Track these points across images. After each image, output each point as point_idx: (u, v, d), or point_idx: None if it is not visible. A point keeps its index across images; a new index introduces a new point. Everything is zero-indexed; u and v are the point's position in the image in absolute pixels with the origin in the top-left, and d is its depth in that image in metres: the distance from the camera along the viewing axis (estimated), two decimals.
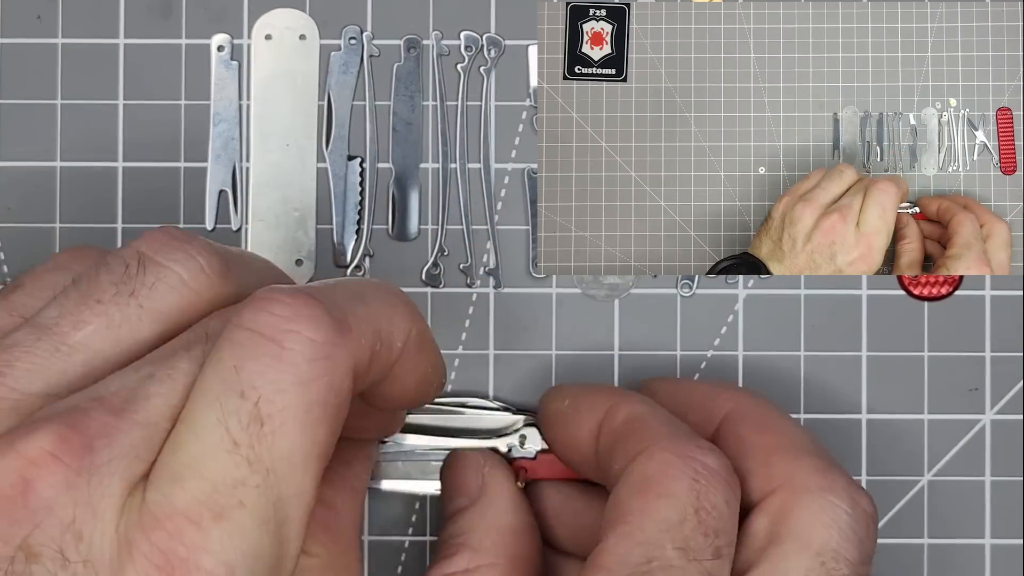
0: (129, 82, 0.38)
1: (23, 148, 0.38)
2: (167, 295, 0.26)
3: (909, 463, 0.38)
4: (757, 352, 0.38)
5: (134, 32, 0.38)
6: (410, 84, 0.38)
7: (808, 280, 0.38)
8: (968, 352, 0.38)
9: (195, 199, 0.38)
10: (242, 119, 0.38)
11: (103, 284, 0.26)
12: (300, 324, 0.24)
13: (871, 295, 0.38)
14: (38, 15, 0.38)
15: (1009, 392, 0.38)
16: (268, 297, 0.25)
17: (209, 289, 0.27)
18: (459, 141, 0.38)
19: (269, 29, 0.38)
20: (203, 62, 0.38)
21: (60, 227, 0.38)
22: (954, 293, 0.38)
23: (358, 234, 0.38)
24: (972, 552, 0.38)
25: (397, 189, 0.38)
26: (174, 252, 0.27)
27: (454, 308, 0.38)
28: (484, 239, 0.38)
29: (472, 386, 0.38)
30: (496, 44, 0.38)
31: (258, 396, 0.24)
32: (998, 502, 0.38)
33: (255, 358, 0.24)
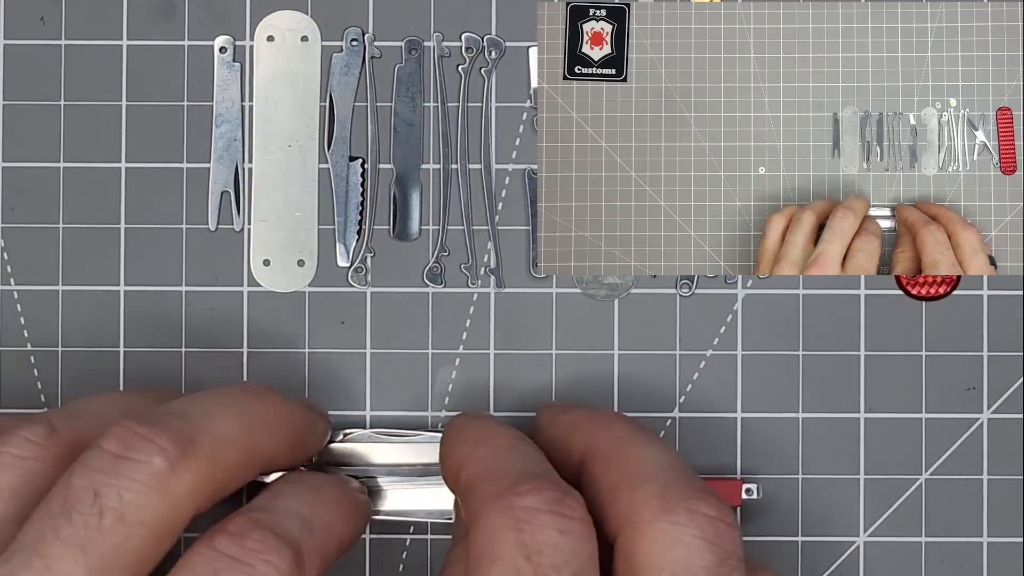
0: (132, 83, 0.38)
1: (26, 149, 0.38)
2: (5, 474, 0.30)
3: (907, 462, 0.38)
4: (756, 352, 0.38)
5: (137, 34, 0.39)
6: (411, 85, 0.39)
7: (807, 280, 0.39)
8: (966, 352, 0.38)
9: (197, 200, 0.38)
10: (244, 120, 0.39)
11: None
12: (270, 555, 0.29)
13: (869, 295, 0.39)
14: (41, 17, 0.39)
15: (1006, 391, 0.38)
16: (241, 532, 0.29)
17: (43, 451, 0.31)
18: (460, 142, 0.39)
19: (271, 31, 0.39)
20: (205, 63, 0.39)
21: (63, 227, 0.38)
22: (952, 293, 0.39)
23: (359, 234, 0.38)
24: (970, 550, 0.38)
25: (398, 190, 0.39)
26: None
27: (455, 308, 0.38)
28: (485, 239, 0.39)
29: (472, 386, 0.38)
30: (497, 45, 0.39)
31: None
32: (996, 501, 0.38)
33: (231, 571, 0.29)
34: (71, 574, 0.27)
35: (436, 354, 0.38)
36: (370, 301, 0.38)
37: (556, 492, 0.29)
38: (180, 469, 0.29)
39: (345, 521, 0.33)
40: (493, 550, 0.29)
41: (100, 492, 0.28)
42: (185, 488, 0.29)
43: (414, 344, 0.38)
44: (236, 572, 0.28)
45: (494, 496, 0.30)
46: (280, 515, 0.31)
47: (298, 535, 0.30)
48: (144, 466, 0.29)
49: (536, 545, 0.28)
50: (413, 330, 0.38)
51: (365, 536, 0.38)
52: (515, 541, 0.28)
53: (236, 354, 0.38)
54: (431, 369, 0.38)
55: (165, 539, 0.29)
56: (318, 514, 0.32)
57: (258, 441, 0.32)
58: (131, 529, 0.28)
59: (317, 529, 0.31)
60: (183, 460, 0.29)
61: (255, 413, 0.32)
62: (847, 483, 0.38)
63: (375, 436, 0.37)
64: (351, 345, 0.38)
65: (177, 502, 0.29)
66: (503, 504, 0.29)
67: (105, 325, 0.38)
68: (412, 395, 0.38)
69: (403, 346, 0.38)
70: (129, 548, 0.28)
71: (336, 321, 0.38)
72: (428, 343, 0.38)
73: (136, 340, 0.38)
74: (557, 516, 0.29)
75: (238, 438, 0.31)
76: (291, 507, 0.32)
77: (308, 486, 0.33)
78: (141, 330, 0.38)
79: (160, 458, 0.29)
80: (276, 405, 0.33)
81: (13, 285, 0.38)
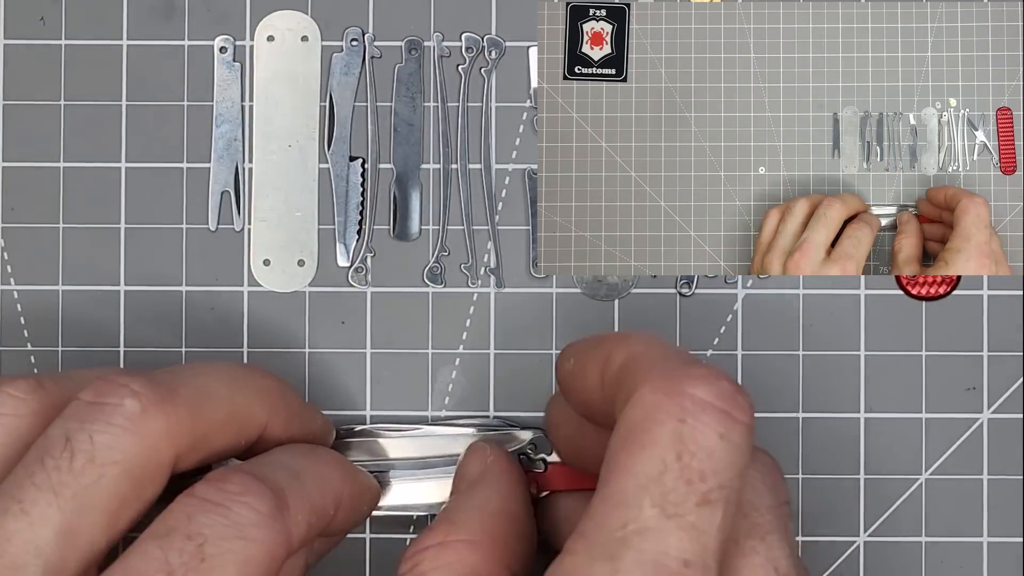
0: (132, 83, 0.39)
1: (27, 149, 0.38)
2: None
3: (907, 462, 0.38)
4: (756, 352, 0.38)
5: (137, 33, 0.39)
6: (411, 85, 0.39)
7: (807, 280, 0.39)
8: (966, 352, 0.38)
9: (198, 200, 0.38)
10: (244, 120, 0.39)
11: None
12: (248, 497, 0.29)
13: (869, 295, 0.39)
14: (41, 17, 0.39)
15: (1007, 391, 0.38)
16: (222, 476, 0.29)
17: (26, 406, 0.30)
18: (460, 142, 0.39)
19: (271, 30, 0.39)
20: (206, 63, 0.39)
21: (63, 227, 0.38)
22: (952, 293, 0.39)
23: (360, 234, 0.38)
24: (970, 550, 0.38)
25: (398, 189, 0.39)
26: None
27: (455, 308, 0.38)
28: (485, 239, 0.39)
29: (472, 386, 0.38)
30: (497, 45, 0.39)
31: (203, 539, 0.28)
32: (995, 501, 0.38)
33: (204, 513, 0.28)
34: (45, 516, 0.27)
35: (436, 354, 0.38)
36: (370, 301, 0.38)
37: (730, 385, 0.27)
38: (153, 412, 0.29)
39: (343, 478, 0.33)
40: (648, 434, 0.26)
41: (72, 436, 0.28)
42: (159, 430, 0.29)
43: (414, 344, 0.38)
44: (210, 514, 0.28)
45: (663, 374, 0.27)
46: (265, 465, 0.31)
47: (283, 482, 0.30)
48: (116, 408, 0.29)
49: (692, 445, 0.26)
50: (413, 330, 0.38)
51: (365, 536, 0.38)
52: (673, 432, 0.26)
53: (236, 354, 0.38)
54: (431, 369, 0.38)
55: (144, 482, 0.29)
56: (310, 468, 0.32)
57: (245, 403, 0.32)
58: (103, 469, 0.28)
59: (307, 479, 0.31)
60: (157, 404, 0.29)
61: (244, 377, 0.32)
62: (847, 483, 0.38)
63: (374, 431, 0.37)
64: (351, 345, 0.38)
65: (151, 443, 0.29)
66: (672, 385, 0.27)
67: (105, 325, 0.38)
68: (412, 395, 0.38)
69: (403, 346, 0.38)
70: (103, 488, 0.28)
71: (336, 321, 0.38)
72: (428, 343, 0.38)
73: (136, 340, 0.38)
74: (723, 416, 0.26)
75: (224, 396, 0.31)
76: (280, 459, 0.32)
77: (303, 448, 0.33)
78: (141, 330, 0.38)
79: (132, 400, 0.29)
80: (267, 378, 0.33)
81: (13, 285, 0.38)
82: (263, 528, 0.28)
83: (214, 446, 0.31)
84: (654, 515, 0.26)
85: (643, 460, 0.26)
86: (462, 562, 0.31)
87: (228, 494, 0.29)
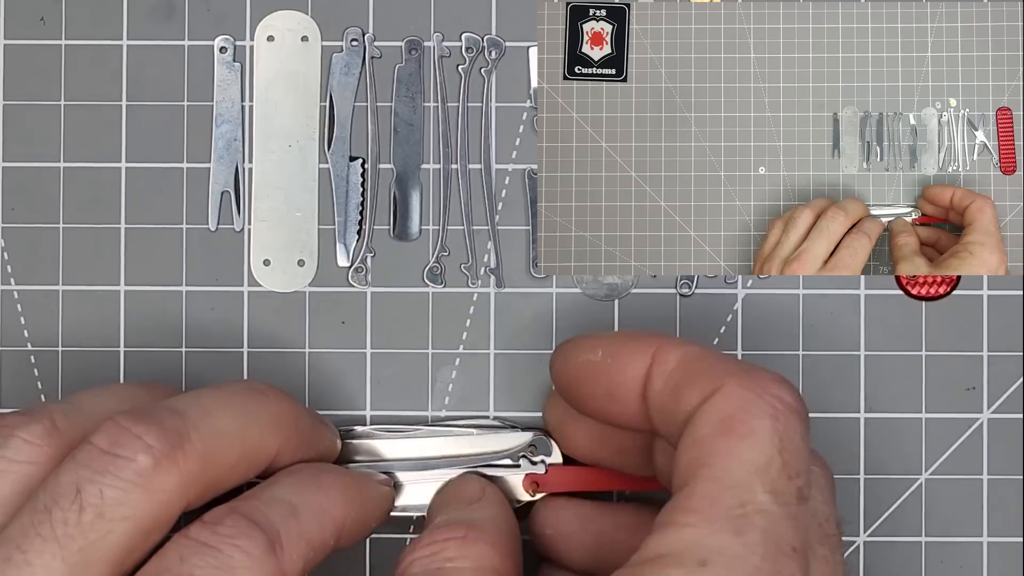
0: (132, 83, 0.39)
1: (27, 149, 0.38)
2: (1, 480, 0.30)
3: (907, 462, 0.38)
4: (756, 352, 0.38)
5: (137, 34, 0.39)
6: (411, 85, 0.39)
7: (806, 280, 0.39)
8: (966, 351, 0.39)
9: (198, 200, 0.38)
10: (244, 120, 0.39)
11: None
12: (241, 540, 0.29)
13: (869, 295, 0.39)
14: (41, 17, 0.39)
15: (1006, 391, 0.39)
16: (216, 518, 0.30)
17: (41, 452, 0.30)
18: (460, 142, 0.39)
19: (271, 31, 0.39)
20: (206, 63, 0.39)
21: (63, 227, 0.38)
22: (952, 293, 0.39)
23: (360, 234, 0.38)
24: (970, 550, 0.38)
25: (398, 190, 0.39)
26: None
27: (455, 308, 0.38)
28: (485, 239, 0.39)
29: (472, 386, 0.38)
30: (497, 45, 0.39)
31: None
32: (995, 500, 0.38)
33: (197, 555, 0.29)
34: (49, 568, 0.27)
35: (436, 354, 0.38)
36: (370, 301, 0.38)
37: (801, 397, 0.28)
38: (166, 466, 0.29)
39: (346, 505, 0.33)
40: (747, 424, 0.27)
41: (83, 488, 0.28)
42: (171, 485, 0.29)
43: (414, 344, 0.38)
44: (203, 556, 0.28)
45: (743, 373, 0.28)
46: (262, 501, 0.31)
47: (278, 520, 0.30)
48: (128, 463, 0.29)
49: (788, 443, 0.27)
50: (413, 330, 0.38)
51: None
52: (772, 427, 0.27)
53: (236, 354, 0.38)
54: (431, 369, 0.38)
55: (152, 534, 0.29)
56: (310, 499, 0.32)
57: (258, 439, 0.32)
58: (112, 525, 0.28)
59: (305, 513, 0.31)
60: (169, 457, 0.29)
61: (257, 410, 0.32)
62: (847, 483, 0.38)
63: (374, 433, 0.37)
64: (351, 345, 0.38)
65: (162, 498, 0.29)
66: (758, 384, 0.28)
67: (105, 325, 0.38)
68: (412, 395, 0.38)
69: (403, 346, 0.38)
70: (110, 543, 0.28)
71: (336, 321, 0.38)
72: (428, 343, 0.38)
73: (136, 340, 0.38)
74: (805, 420, 0.28)
75: (236, 435, 0.31)
76: (277, 494, 0.31)
77: (307, 473, 0.33)
78: (141, 330, 0.38)
79: (145, 455, 0.29)
80: (280, 403, 0.33)
81: (13, 285, 0.38)
82: (254, 570, 0.29)
83: (224, 486, 0.31)
84: (768, 500, 0.27)
85: (748, 448, 0.27)
86: (486, 557, 0.31)
87: (221, 537, 0.29)
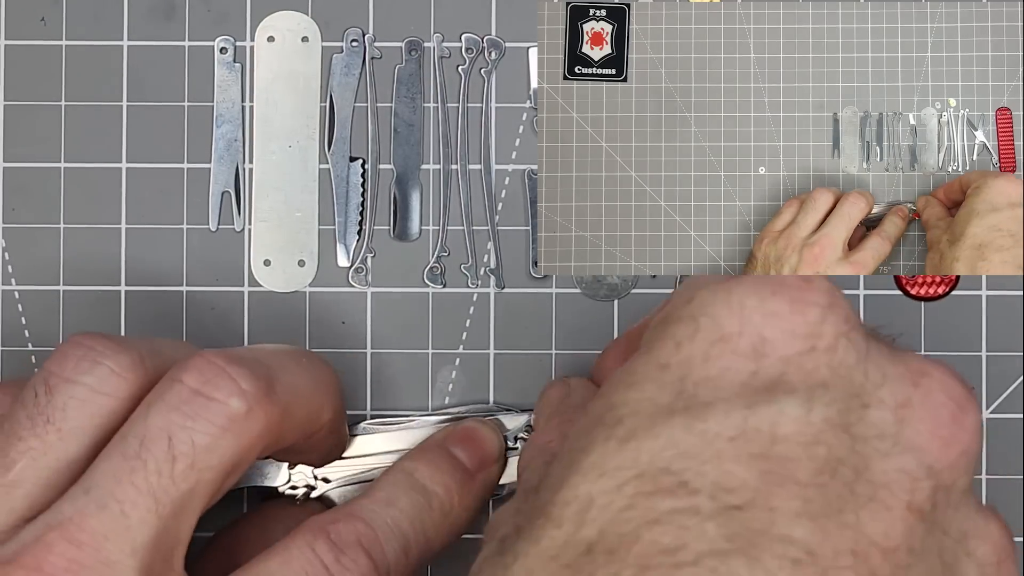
0: (132, 84, 0.39)
1: (27, 149, 0.38)
2: (80, 410, 0.28)
3: None
4: None
5: (137, 34, 0.39)
6: (411, 86, 0.39)
7: None
8: (965, 352, 0.39)
9: (198, 200, 0.38)
10: (245, 120, 0.39)
11: (20, 420, 0.28)
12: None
13: (868, 295, 0.39)
14: (42, 17, 0.39)
15: (1005, 391, 0.39)
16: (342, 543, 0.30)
17: (127, 387, 0.29)
18: (460, 142, 0.39)
19: (271, 31, 0.39)
20: (206, 64, 0.39)
21: (64, 227, 0.38)
22: (951, 293, 0.39)
23: (360, 234, 0.38)
24: None
25: (398, 190, 0.39)
26: (80, 363, 0.29)
27: (455, 308, 0.38)
28: (485, 239, 0.39)
29: (472, 386, 0.38)
30: (497, 46, 0.39)
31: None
32: (995, 500, 0.38)
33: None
34: (144, 521, 0.27)
35: (436, 354, 0.38)
36: (370, 301, 0.38)
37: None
38: (257, 413, 0.28)
39: (445, 534, 0.33)
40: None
41: (174, 435, 0.28)
42: (257, 432, 0.29)
43: (414, 344, 0.38)
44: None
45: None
46: (384, 533, 0.31)
47: (392, 558, 0.31)
48: (221, 407, 0.28)
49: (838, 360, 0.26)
50: (413, 330, 0.38)
51: None
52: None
53: None
54: (431, 369, 0.38)
55: (228, 481, 0.29)
56: (420, 532, 0.32)
57: (319, 402, 0.32)
58: (200, 475, 0.28)
59: (414, 548, 0.32)
60: (260, 404, 0.28)
61: (320, 376, 0.32)
62: None
63: (370, 429, 0.37)
64: (351, 345, 0.38)
65: (248, 444, 0.29)
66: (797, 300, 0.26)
67: (105, 325, 0.38)
68: (412, 395, 0.38)
69: (403, 346, 0.38)
70: (198, 493, 0.28)
71: (336, 321, 0.38)
72: (428, 343, 0.38)
73: None
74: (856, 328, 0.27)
75: (306, 395, 0.31)
76: (398, 524, 0.32)
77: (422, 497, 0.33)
78: (141, 330, 0.38)
79: (238, 400, 0.28)
80: (332, 374, 0.33)
81: (14, 285, 0.38)
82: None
83: (285, 443, 0.31)
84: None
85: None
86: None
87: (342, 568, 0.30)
